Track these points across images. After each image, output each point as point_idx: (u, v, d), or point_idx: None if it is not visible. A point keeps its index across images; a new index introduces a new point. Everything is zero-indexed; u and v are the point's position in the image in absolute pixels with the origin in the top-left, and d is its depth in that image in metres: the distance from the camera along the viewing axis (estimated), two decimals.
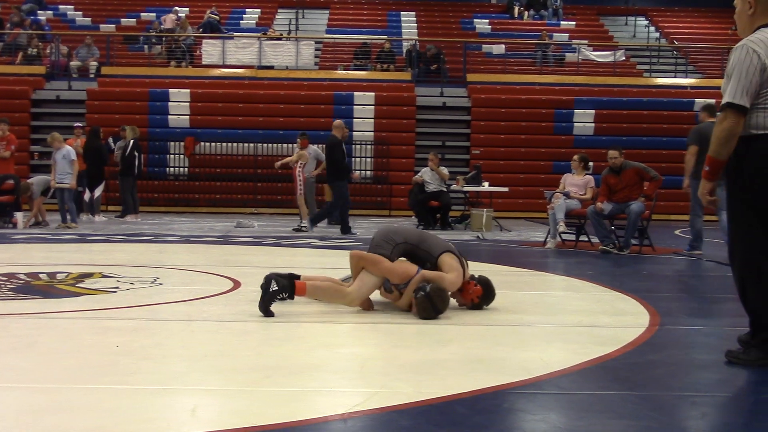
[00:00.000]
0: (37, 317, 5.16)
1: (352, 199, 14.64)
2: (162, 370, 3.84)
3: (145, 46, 23.24)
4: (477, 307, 5.64)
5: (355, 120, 19.44)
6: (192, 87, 20.37)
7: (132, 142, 15.28)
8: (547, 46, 23.64)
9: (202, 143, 19.38)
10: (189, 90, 20.12)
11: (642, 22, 27.04)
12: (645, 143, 19.37)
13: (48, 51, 22.04)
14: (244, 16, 25.93)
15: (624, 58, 23.33)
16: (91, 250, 9.99)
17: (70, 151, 13.25)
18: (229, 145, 19.34)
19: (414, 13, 26.68)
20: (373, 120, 19.75)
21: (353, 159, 18.88)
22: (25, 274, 7.12)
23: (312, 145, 14.67)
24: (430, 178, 14.47)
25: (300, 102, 19.98)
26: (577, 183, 11.34)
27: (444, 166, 15.02)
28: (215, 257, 9.21)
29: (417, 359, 4.13)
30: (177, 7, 24.39)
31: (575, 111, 20.11)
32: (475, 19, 26.17)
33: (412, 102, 20.29)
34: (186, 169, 19.39)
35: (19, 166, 16.66)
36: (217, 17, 23.91)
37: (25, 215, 13.27)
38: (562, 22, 26.41)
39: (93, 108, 19.59)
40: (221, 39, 22.01)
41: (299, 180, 13.37)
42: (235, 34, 23.24)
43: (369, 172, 19.37)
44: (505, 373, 3.85)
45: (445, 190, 14.58)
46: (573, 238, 11.14)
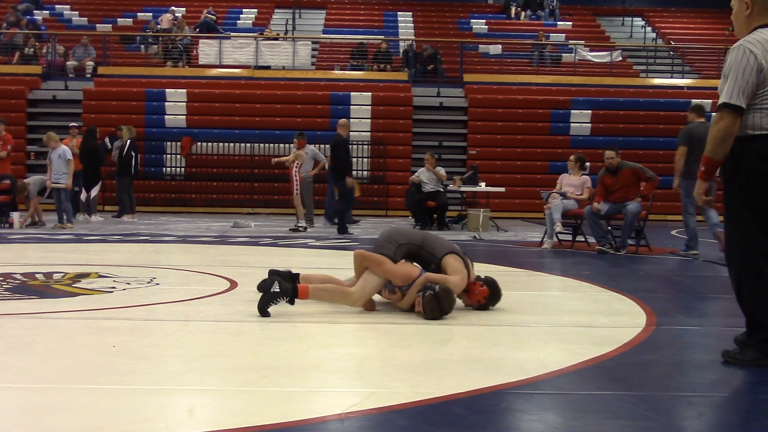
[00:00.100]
0: (33, 317, 5.15)
1: None
2: (159, 370, 3.84)
3: (142, 46, 23.21)
4: (483, 307, 5.63)
5: (351, 120, 19.24)
6: (189, 87, 20.34)
7: (129, 142, 15.27)
8: (543, 47, 23.66)
9: (199, 143, 19.36)
10: (186, 90, 20.09)
11: (638, 22, 27.08)
12: (642, 143, 19.38)
13: (44, 51, 22.00)
14: (241, 16, 25.90)
15: (620, 59, 23.34)
16: (87, 250, 9.98)
17: (66, 151, 13.23)
18: (226, 145, 19.32)
19: (411, 13, 26.68)
20: (369, 120, 19.74)
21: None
22: (21, 274, 7.11)
23: (309, 145, 14.66)
24: (427, 178, 14.48)
25: (297, 102, 19.97)
26: (574, 183, 11.35)
27: (441, 167, 15.02)
28: (212, 257, 9.20)
29: (414, 359, 4.13)
30: (174, 7, 24.34)
31: (572, 111, 20.12)
32: (471, 20, 26.18)
33: (409, 102, 20.29)
34: (183, 169, 19.36)
35: (16, 166, 16.66)
36: (213, 17, 23.91)
37: (21, 215, 13.26)
38: (558, 23, 26.43)
39: (89, 108, 19.55)
40: (218, 39, 21.99)
41: (296, 180, 13.37)
42: (232, 34, 23.23)
43: (366, 173, 19.37)
44: (503, 373, 3.85)
45: (442, 190, 14.59)
46: (570, 238, 11.14)
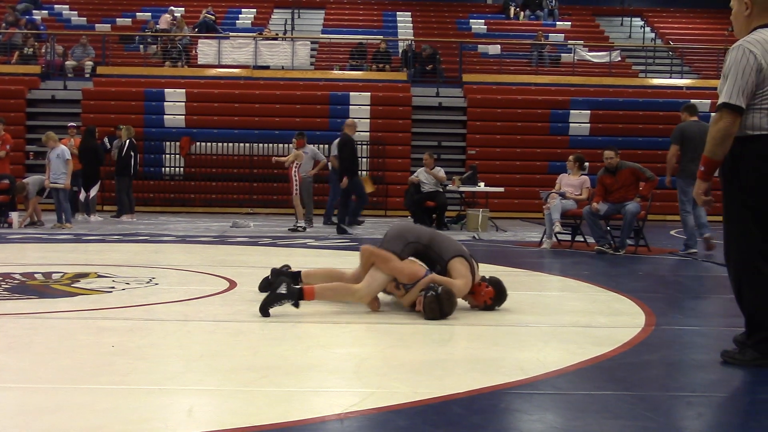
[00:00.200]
0: (32, 317, 5.15)
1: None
2: (158, 370, 3.83)
3: (141, 46, 23.21)
4: (489, 308, 5.62)
5: None
6: (188, 87, 20.33)
7: (128, 141, 15.27)
8: (542, 47, 23.66)
9: (198, 143, 19.35)
10: (185, 90, 20.08)
11: (637, 22, 27.09)
12: (640, 143, 19.39)
13: (43, 50, 21.98)
14: (240, 15, 25.90)
15: (619, 59, 23.34)
16: (86, 250, 9.98)
17: (65, 151, 13.22)
18: (225, 145, 19.31)
19: (410, 13, 26.68)
20: (368, 120, 19.72)
21: None
22: (20, 274, 7.11)
23: (309, 145, 14.66)
24: (426, 178, 14.49)
25: (296, 102, 19.96)
26: (573, 183, 11.35)
27: (440, 167, 15.02)
28: (211, 257, 9.20)
29: (414, 359, 4.13)
30: (173, 7, 24.34)
31: (571, 111, 20.12)
32: (470, 20, 26.18)
33: (408, 102, 20.29)
34: (182, 169, 19.35)
35: (15, 165, 16.65)
36: (212, 17, 23.89)
37: (20, 215, 13.25)
38: (557, 23, 26.43)
39: (88, 108, 19.54)
40: (217, 39, 21.98)
41: (295, 180, 13.36)
42: (231, 33, 23.22)
43: (365, 173, 19.34)
44: (502, 373, 3.85)
45: (441, 190, 14.59)
46: (569, 238, 11.14)
